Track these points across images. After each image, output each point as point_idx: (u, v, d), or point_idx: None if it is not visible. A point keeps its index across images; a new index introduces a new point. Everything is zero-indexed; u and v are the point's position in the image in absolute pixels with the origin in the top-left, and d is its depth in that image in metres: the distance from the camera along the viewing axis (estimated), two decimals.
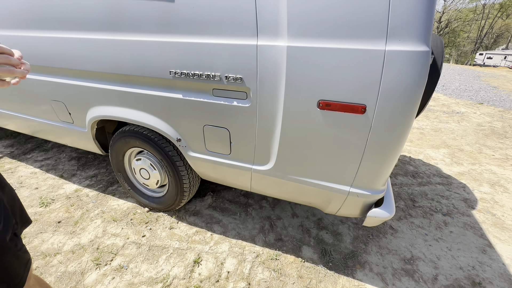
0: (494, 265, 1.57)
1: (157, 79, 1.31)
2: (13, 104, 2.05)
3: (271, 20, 1.01)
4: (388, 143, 1.02)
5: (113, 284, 1.38)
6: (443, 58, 1.30)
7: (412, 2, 0.83)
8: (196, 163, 1.51)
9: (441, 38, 1.37)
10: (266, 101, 1.14)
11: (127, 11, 1.23)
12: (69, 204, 2.00)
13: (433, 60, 1.28)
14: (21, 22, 1.54)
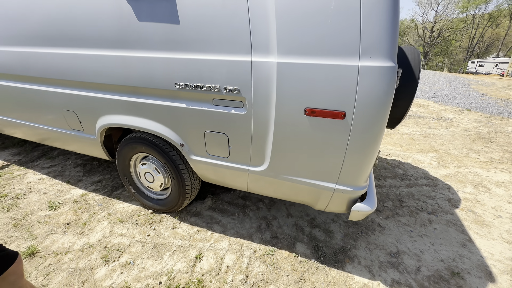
0: (472, 258, 1.71)
1: (163, 90, 1.47)
2: (23, 114, 2.20)
3: (263, 40, 1.19)
4: (365, 143, 1.18)
5: (121, 278, 1.49)
6: (420, 69, 1.48)
7: (378, 27, 1.01)
8: (197, 166, 1.65)
9: (418, 51, 1.56)
10: (260, 109, 1.30)
11: (137, 31, 1.41)
12: (76, 208, 2.12)
13: (411, 70, 1.46)
14: (40, 40, 1.70)
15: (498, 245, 1.82)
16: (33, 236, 1.81)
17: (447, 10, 38.74)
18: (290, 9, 1.11)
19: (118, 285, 1.45)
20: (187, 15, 1.29)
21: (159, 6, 1.34)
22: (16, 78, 1.98)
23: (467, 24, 40.17)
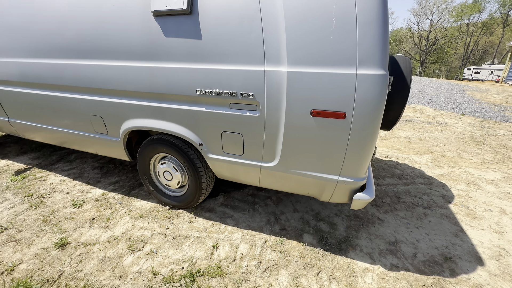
0: (464, 245, 1.88)
1: (185, 96, 1.67)
2: (51, 119, 2.39)
3: (275, 53, 1.40)
4: (364, 139, 1.37)
5: (147, 264, 1.66)
6: (411, 76, 1.69)
7: (371, 42, 1.22)
8: (214, 164, 1.84)
9: (410, 61, 1.77)
10: (272, 112, 1.50)
11: (164, 45, 1.62)
12: (98, 205, 2.29)
13: (403, 77, 1.67)
14: (74, 53, 1.92)
15: (487, 235, 1.99)
16: (62, 230, 1.98)
17: (441, 19, 39.72)
18: (298, 27, 1.33)
19: (145, 270, 1.62)
20: (208, 31, 1.51)
21: (184, 24, 1.56)
22: (47, 87, 2.18)
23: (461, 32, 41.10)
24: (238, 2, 1.42)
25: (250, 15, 1.41)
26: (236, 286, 1.52)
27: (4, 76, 2.36)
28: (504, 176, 3.00)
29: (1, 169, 2.93)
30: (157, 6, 1.56)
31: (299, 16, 1.32)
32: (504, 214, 2.26)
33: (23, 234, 1.93)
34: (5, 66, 2.31)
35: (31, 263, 1.67)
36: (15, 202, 2.32)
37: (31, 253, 1.76)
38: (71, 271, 1.61)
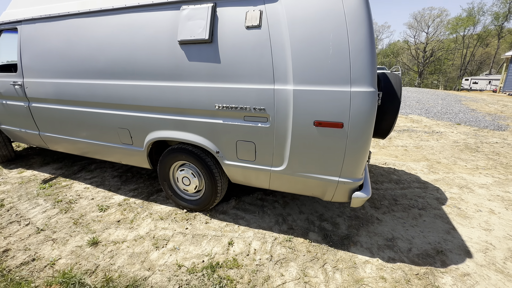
0: (455, 241, 2.08)
1: (205, 110, 1.95)
2: (80, 132, 2.67)
3: (282, 74, 1.68)
4: (358, 145, 1.63)
5: (172, 258, 1.87)
6: (401, 91, 1.95)
7: (362, 66, 1.50)
8: (229, 169, 2.09)
9: (400, 77, 2.05)
10: (280, 123, 1.76)
11: (187, 68, 1.92)
12: (122, 209, 2.53)
13: (394, 92, 1.94)
14: (107, 75, 2.23)
15: (476, 232, 2.19)
16: (92, 230, 2.21)
17: (437, 31, 40.84)
18: (302, 53, 1.61)
19: (170, 263, 1.83)
20: (226, 56, 1.80)
21: (205, 50, 1.86)
22: (80, 104, 2.48)
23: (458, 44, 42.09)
24: (251, 33, 1.72)
25: (261, 44, 1.70)
26: (252, 275, 1.73)
27: (41, 95, 2.67)
28: (495, 180, 3.21)
29: (29, 179, 3.19)
30: (183, 36, 1.87)
31: (302, 45, 1.61)
32: (493, 214, 2.46)
33: (57, 234, 2.16)
34: (43, 86, 2.62)
35: (69, 258, 1.89)
36: (46, 207, 2.56)
37: (68, 250, 1.98)
38: (105, 264, 1.83)
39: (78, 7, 2.32)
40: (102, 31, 2.21)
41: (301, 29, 1.60)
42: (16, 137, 3.39)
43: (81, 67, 2.34)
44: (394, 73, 2.09)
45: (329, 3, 1.54)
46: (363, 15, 1.49)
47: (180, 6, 1.91)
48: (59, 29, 2.43)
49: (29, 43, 2.64)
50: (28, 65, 2.69)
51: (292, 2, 1.62)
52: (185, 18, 1.87)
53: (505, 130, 5.58)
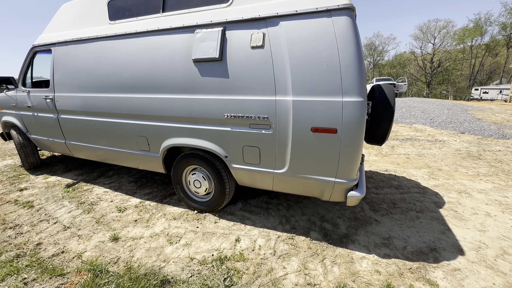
0: (448, 240, 2.19)
1: (215, 119, 2.20)
2: (99, 140, 2.96)
3: (283, 87, 1.92)
4: (351, 148, 1.82)
5: (184, 252, 2.07)
6: (394, 100, 2.16)
7: (352, 79, 1.72)
8: (236, 172, 2.30)
9: (393, 88, 2.26)
10: (282, 129, 1.99)
11: (200, 82, 2.19)
12: (138, 210, 2.76)
13: (388, 101, 2.15)
14: (128, 89, 2.53)
15: (471, 233, 2.30)
16: (112, 228, 2.44)
17: (444, 42, 40.90)
18: (299, 69, 1.86)
19: (183, 256, 2.03)
20: (234, 72, 2.07)
21: (215, 67, 2.13)
22: (104, 115, 2.78)
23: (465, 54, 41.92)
24: (256, 52, 1.99)
25: (264, 61, 1.96)
26: (256, 267, 1.90)
27: (69, 107, 3.01)
28: (495, 186, 3.29)
29: (54, 184, 3.49)
30: (196, 55, 2.16)
31: (300, 62, 1.86)
32: (489, 216, 2.56)
33: (82, 231, 2.40)
34: (71, 99, 2.96)
35: (94, 251, 2.12)
36: (71, 208, 2.82)
37: (92, 244, 2.21)
38: (125, 256, 2.04)
39: (105, 31, 2.68)
40: (126, 51, 2.53)
41: (299, 48, 1.85)
42: (43, 146, 3.73)
43: (106, 82, 2.66)
44: (388, 85, 2.30)
45: (322, 27, 1.79)
46: (351, 36, 1.73)
47: (194, 30, 2.21)
48: (88, 50, 2.78)
49: (61, 62, 3.01)
50: (59, 81, 3.04)
51: (291, 25, 1.88)
52: (198, 40, 2.16)
53: (510, 138, 5.61)
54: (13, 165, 4.30)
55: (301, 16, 1.85)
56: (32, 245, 2.19)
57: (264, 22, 1.97)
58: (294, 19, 1.87)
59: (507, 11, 32.22)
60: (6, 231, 2.40)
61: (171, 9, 2.38)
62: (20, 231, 2.40)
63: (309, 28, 1.83)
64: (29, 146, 3.83)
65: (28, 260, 1.99)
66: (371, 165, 4.16)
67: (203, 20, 2.18)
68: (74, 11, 3.02)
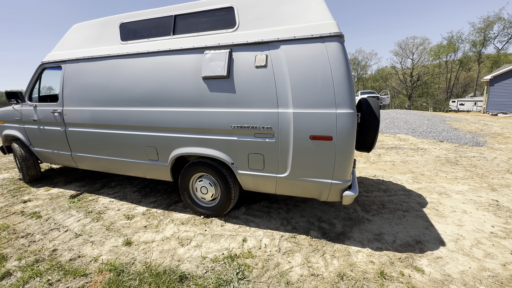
0: (431, 234, 2.48)
1: (223, 130, 2.44)
2: (107, 151, 3.11)
3: (284, 101, 2.21)
4: (345, 153, 2.10)
5: (197, 252, 2.23)
6: (379, 112, 2.48)
7: (343, 94, 2.03)
8: (242, 177, 2.53)
9: (378, 101, 2.58)
10: (284, 138, 2.25)
11: (209, 97, 2.44)
12: (146, 217, 2.90)
13: (373, 113, 2.46)
14: (140, 103, 2.74)
15: (450, 227, 2.60)
16: (124, 234, 2.57)
17: (421, 58, 43.64)
18: (298, 85, 2.15)
19: (196, 256, 2.19)
20: (240, 88, 2.34)
21: (223, 83, 2.40)
22: (115, 127, 2.96)
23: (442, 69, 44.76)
24: (259, 71, 2.28)
25: (267, 79, 2.25)
26: (264, 262, 2.09)
27: (78, 120, 3.16)
28: (471, 188, 3.66)
29: (57, 195, 3.56)
30: (206, 73, 2.42)
31: (299, 79, 2.16)
32: (466, 213, 2.89)
33: (94, 238, 2.52)
34: (80, 113, 3.13)
35: (109, 255, 2.24)
36: (79, 217, 2.92)
37: (106, 249, 2.33)
38: (141, 258, 2.18)
39: (117, 50, 2.91)
40: (138, 69, 2.77)
41: (297, 68, 2.16)
42: (45, 158, 3.81)
43: (117, 97, 2.86)
44: (373, 98, 2.63)
45: (317, 50, 2.11)
46: (342, 58, 2.06)
47: (203, 51, 2.49)
48: (99, 67, 3.00)
49: (71, 78, 3.19)
50: (68, 96, 3.21)
51: (290, 49, 2.20)
52: (208, 60, 2.44)
53: (483, 146, 6.15)
54: (11, 179, 4.31)
55: (299, 41, 2.18)
56: (48, 251, 2.29)
57: (267, 45, 2.28)
58: (293, 44, 2.19)
59: (475, 31, 35.08)
60: (18, 240, 2.47)
61: (181, 32, 2.66)
62: (32, 239, 2.48)
63: (306, 51, 2.15)
64: (31, 159, 3.89)
65: (48, 264, 2.09)
66: (361, 171, 4.48)
67: (211, 42, 2.47)
68: (85, 31, 3.24)
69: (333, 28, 2.09)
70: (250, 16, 2.39)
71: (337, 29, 2.08)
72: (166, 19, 2.73)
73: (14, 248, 2.34)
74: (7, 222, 2.82)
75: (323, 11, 2.18)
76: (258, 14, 2.37)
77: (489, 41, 35.15)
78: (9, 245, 2.39)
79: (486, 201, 3.20)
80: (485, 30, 34.20)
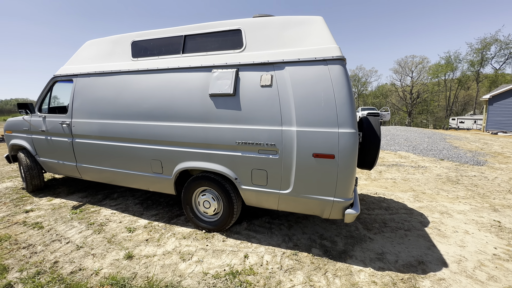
0: (434, 255, 2.47)
1: (227, 145, 2.50)
2: (112, 163, 3.16)
3: (288, 119, 2.28)
4: (346, 171, 2.15)
5: (198, 268, 2.23)
6: (380, 131, 2.54)
7: (345, 114, 2.11)
8: (245, 193, 2.56)
9: (378, 120, 2.65)
10: (287, 155, 2.31)
11: (215, 113, 2.52)
12: (148, 230, 2.90)
13: (374, 132, 2.53)
14: (148, 117, 2.82)
15: (453, 248, 2.59)
16: (125, 247, 2.56)
17: (420, 76, 44.43)
18: (302, 105, 2.24)
19: (197, 271, 2.19)
20: (246, 106, 2.42)
21: (229, 101, 2.49)
22: (121, 140, 3.02)
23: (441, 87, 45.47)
24: (265, 90, 2.37)
25: (272, 98, 2.34)
26: (266, 280, 2.08)
27: (85, 132, 3.24)
28: (472, 207, 3.66)
29: (59, 205, 3.58)
30: (213, 90, 2.52)
31: (302, 99, 2.24)
32: (468, 234, 2.88)
33: (95, 250, 2.51)
34: (89, 125, 3.21)
35: (110, 268, 2.23)
36: (81, 228, 2.92)
37: (107, 262, 2.33)
38: (142, 273, 2.18)
39: (128, 66, 3.03)
40: (147, 84, 2.87)
41: (301, 88, 2.25)
42: (50, 168, 3.86)
43: (125, 111, 2.95)
44: (374, 117, 2.70)
45: (320, 72, 2.21)
46: (344, 81, 2.15)
47: (211, 69, 2.60)
48: (110, 82, 3.11)
49: (82, 91, 3.30)
50: (78, 108, 3.31)
51: (295, 70, 2.30)
52: (215, 78, 2.54)
53: (483, 165, 6.18)
54: (14, 188, 4.33)
55: (303, 63, 2.28)
56: (49, 263, 2.28)
57: (272, 66, 2.39)
58: (297, 65, 2.30)
59: (473, 51, 35.96)
60: (20, 251, 2.47)
61: (190, 51, 2.78)
62: (34, 251, 2.48)
63: (309, 72, 2.25)
64: (36, 169, 3.93)
65: (50, 276, 2.09)
66: (362, 188, 4.49)
67: (219, 62, 2.58)
68: (98, 48, 3.39)
69: (335, 52, 2.20)
70: (257, 38, 2.52)
71: (339, 53, 2.19)
72: (176, 39, 2.87)
73: (15, 259, 2.34)
74: (9, 232, 2.83)
75: (326, 35, 2.31)
76: (265, 36, 2.49)
77: (486, 61, 35.93)
78: (10, 256, 2.39)
79: (488, 221, 3.19)
80: (482, 51, 35.06)
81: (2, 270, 2.17)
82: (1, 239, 2.68)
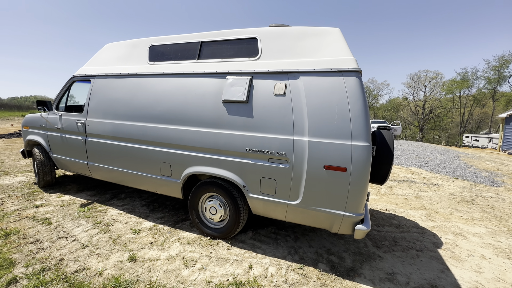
0: (448, 279, 2.34)
1: (237, 152, 2.48)
2: (123, 163, 3.19)
3: (300, 129, 2.25)
4: (358, 185, 2.09)
5: (201, 275, 2.18)
6: (393, 145, 2.48)
7: (359, 126, 2.06)
8: (252, 201, 2.52)
9: (392, 134, 2.59)
10: (297, 165, 2.27)
11: (227, 119, 2.52)
12: (153, 233, 2.88)
13: (388, 146, 2.47)
14: (161, 120, 2.85)
15: (468, 273, 2.46)
16: (129, 249, 2.55)
17: (434, 91, 43.65)
18: (315, 115, 2.21)
19: (200, 279, 2.14)
20: (258, 113, 2.41)
21: (242, 108, 2.49)
22: (133, 141, 3.06)
23: (455, 103, 44.48)
24: (278, 99, 2.36)
25: (285, 107, 2.32)
26: None
27: (99, 131, 3.30)
28: (489, 231, 3.49)
29: (68, 202, 3.62)
30: (226, 97, 2.53)
31: (316, 110, 2.22)
32: (484, 259, 2.73)
33: (100, 250, 2.51)
34: (102, 125, 3.27)
35: (113, 270, 2.22)
36: (88, 227, 2.94)
37: (111, 263, 2.31)
38: (145, 276, 2.15)
39: (144, 70, 3.10)
40: (162, 88, 2.92)
41: (315, 99, 2.23)
42: (62, 165, 3.93)
43: (139, 113, 3.00)
44: (387, 131, 2.64)
45: (335, 83, 2.19)
46: (359, 93, 2.12)
47: (225, 76, 2.62)
48: (126, 84, 3.18)
49: (98, 91, 3.39)
50: (94, 108, 3.38)
51: (309, 80, 2.29)
52: (229, 85, 2.56)
53: (500, 186, 5.92)
54: (26, 182, 4.43)
55: (318, 74, 2.27)
56: (55, 260, 2.29)
57: (286, 75, 2.39)
58: (312, 75, 2.29)
59: (490, 68, 35.18)
60: (27, 246, 2.50)
61: (206, 57, 2.82)
62: (41, 247, 2.50)
63: (324, 83, 2.23)
64: (48, 165, 4.02)
65: (54, 274, 2.09)
66: (371, 203, 4.36)
67: (234, 69, 2.60)
68: (116, 50, 3.49)
69: (352, 63, 2.18)
70: (272, 47, 2.53)
71: (355, 65, 2.17)
72: (193, 45, 2.92)
73: (22, 254, 2.36)
74: (18, 226, 2.87)
75: (343, 47, 2.29)
76: (280, 46, 2.50)
77: (504, 79, 35.01)
78: (18, 250, 2.41)
79: (507, 247, 3.03)
80: (500, 68, 34.26)
81: (9, 264, 2.19)
82: (11, 232, 2.72)
